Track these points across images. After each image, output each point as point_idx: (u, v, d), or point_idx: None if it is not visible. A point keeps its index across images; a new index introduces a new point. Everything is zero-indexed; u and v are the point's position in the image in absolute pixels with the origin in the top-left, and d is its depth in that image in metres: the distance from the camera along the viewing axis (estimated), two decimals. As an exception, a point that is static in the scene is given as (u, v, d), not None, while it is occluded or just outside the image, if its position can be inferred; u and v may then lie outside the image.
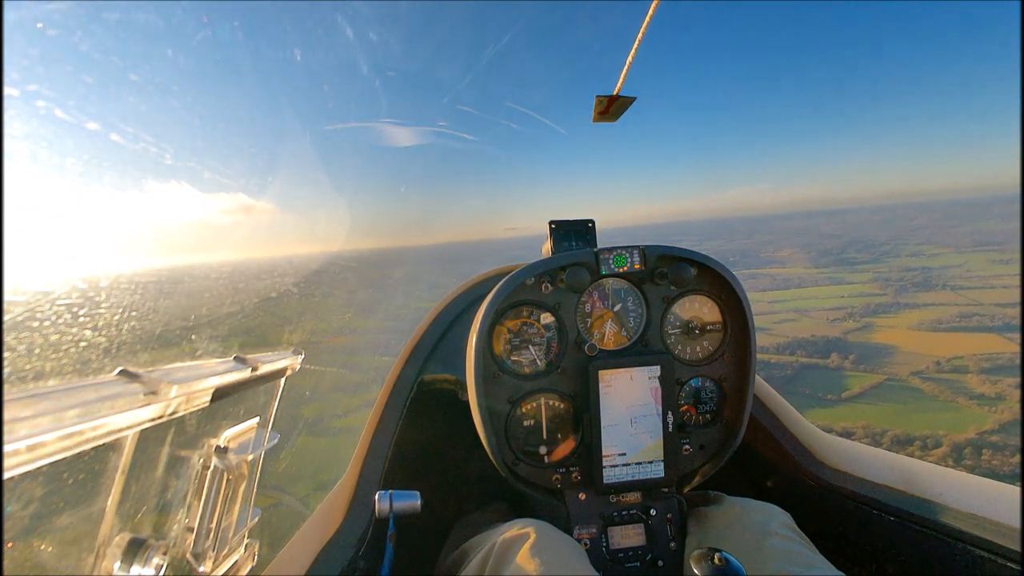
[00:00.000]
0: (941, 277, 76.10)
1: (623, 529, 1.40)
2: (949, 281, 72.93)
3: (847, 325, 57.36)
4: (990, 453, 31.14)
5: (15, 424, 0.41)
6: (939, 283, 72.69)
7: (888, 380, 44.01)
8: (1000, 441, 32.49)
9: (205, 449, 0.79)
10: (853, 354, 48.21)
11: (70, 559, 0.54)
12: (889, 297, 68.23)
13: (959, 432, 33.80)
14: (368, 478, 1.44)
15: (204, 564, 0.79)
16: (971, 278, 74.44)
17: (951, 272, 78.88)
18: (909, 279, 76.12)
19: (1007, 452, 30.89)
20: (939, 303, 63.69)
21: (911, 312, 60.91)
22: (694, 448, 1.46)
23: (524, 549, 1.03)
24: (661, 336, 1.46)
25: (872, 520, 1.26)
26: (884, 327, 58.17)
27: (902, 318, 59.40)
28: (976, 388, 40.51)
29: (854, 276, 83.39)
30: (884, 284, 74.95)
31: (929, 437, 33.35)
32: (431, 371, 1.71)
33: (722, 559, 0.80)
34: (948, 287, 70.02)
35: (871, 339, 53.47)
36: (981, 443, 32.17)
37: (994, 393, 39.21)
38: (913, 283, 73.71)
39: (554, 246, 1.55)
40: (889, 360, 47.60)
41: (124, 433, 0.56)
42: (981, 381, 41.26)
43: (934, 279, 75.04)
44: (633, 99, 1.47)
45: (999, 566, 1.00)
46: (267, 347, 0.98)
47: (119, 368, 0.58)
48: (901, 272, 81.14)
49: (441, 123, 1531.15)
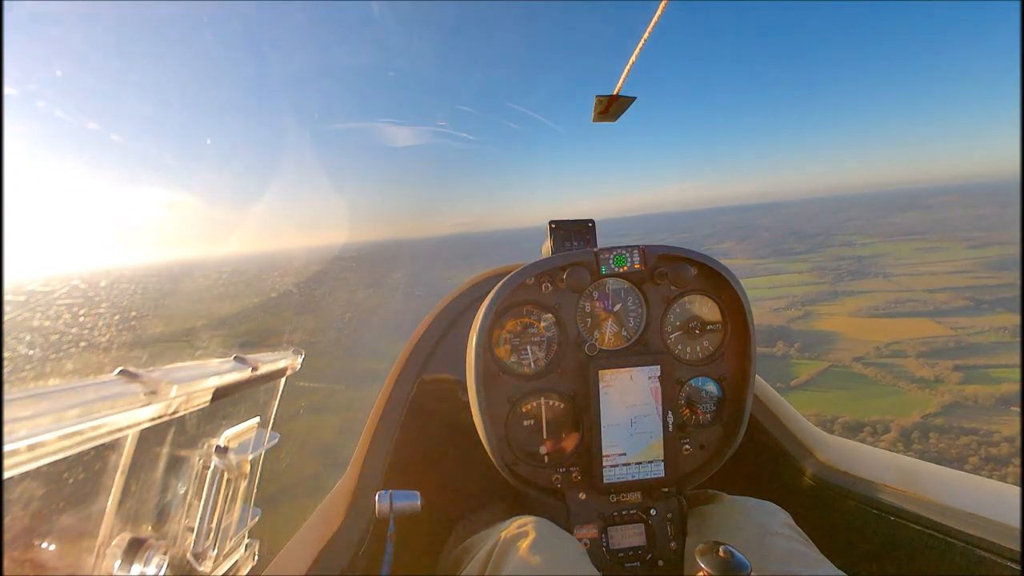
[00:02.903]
0: (873, 265, 78.51)
1: (623, 529, 1.40)
2: (881, 269, 75.40)
3: (791, 314, 58.94)
4: (937, 436, 31.97)
5: (15, 424, 0.41)
6: (872, 271, 74.94)
7: (833, 367, 45.12)
8: (945, 424, 33.42)
9: (205, 449, 0.79)
10: (798, 342, 49.41)
11: (70, 559, 0.54)
12: (827, 285, 69.97)
13: (905, 416, 34.73)
14: (368, 478, 1.44)
15: (204, 564, 0.79)
16: (900, 264, 77.28)
17: (882, 260, 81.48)
18: (845, 267, 78.22)
19: (952, 435, 31.75)
20: (874, 290, 65.61)
21: (849, 299, 62.52)
22: (694, 448, 1.46)
23: (525, 546, 1.03)
24: (661, 336, 1.46)
25: (872, 520, 1.26)
26: (825, 315, 59.91)
27: (841, 305, 60.99)
28: (916, 372, 41.83)
29: (793, 266, 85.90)
30: (822, 273, 76.74)
31: (878, 423, 34.14)
32: (431, 371, 1.71)
33: (727, 552, 0.80)
34: (881, 275, 72.29)
35: (814, 327, 54.93)
36: (927, 426, 33.13)
37: (933, 376, 40.46)
38: (848, 271, 75.67)
39: (554, 246, 1.56)
40: (832, 347, 48.85)
41: (124, 433, 0.56)
42: (920, 365, 42.63)
43: (867, 267, 77.33)
44: (633, 99, 1.47)
45: (999, 566, 1.00)
46: (267, 347, 0.98)
47: (119, 368, 0.58)
48: (836, 261, 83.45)
49: (441, 123, 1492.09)
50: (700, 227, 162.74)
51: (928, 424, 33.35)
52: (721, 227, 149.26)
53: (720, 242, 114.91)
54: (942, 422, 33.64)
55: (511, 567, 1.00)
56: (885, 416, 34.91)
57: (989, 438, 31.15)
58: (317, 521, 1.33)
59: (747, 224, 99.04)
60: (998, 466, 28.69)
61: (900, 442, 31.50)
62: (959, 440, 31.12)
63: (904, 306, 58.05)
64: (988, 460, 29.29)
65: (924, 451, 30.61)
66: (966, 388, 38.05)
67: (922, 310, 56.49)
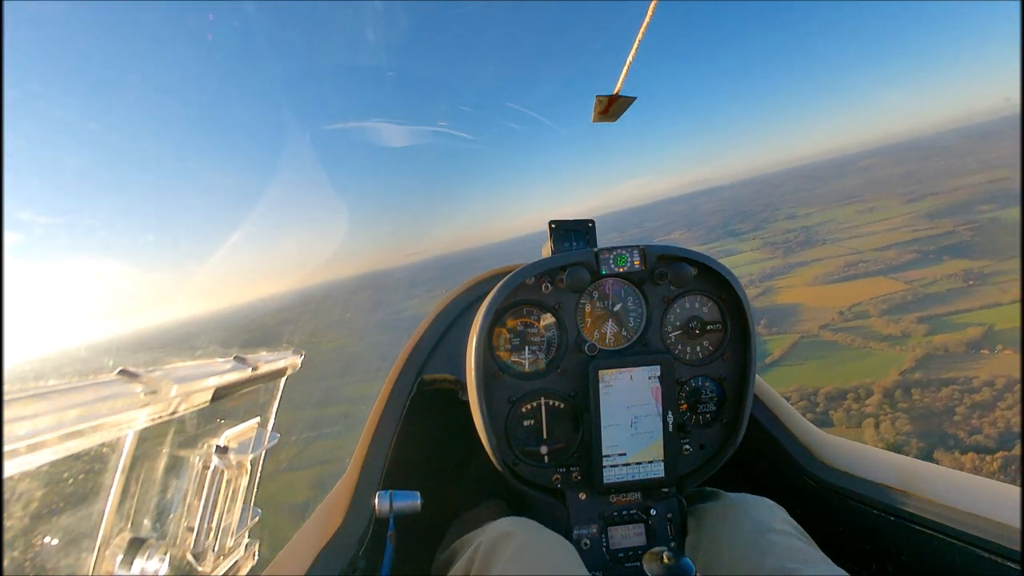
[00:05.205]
0: (819, 233, 79.72)
1: (623, 529, 1.40)
2: (828, 236, 76.54)
3: (751, 292, 60.73)
4: (919, 392, 32.27)
5: (15, 424, 0.41)
6: (819, 239, 75.98)
7: (802, 338, 45.47)
8: (923, 377, 33.93)
9: (205, 449, 0.79)
10: (764, 318, 49.86)
11: (70, 559, 0.54)
12: (780, 259, 70.78)
13: (884, 376, 35.03)
14: (368, 478, 1.44)
15: (204, 564, 0.79)
16: (845, 229, 78.25)
17: (826, 228, 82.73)
18: (793, 239, 79.42)
19: (933, 388, 32.18)
20: (825, 257, 66.37)
21: (803, 270, 63.32)
22: (694, 448, 1.46)
23: (508, 549, 1.03)
24: (661, 336, 1.46)
25: (872, 520, 1.26)
26: (784, 288, 60.60)
27: (797, 277, 61.65)
28: (883, 330, 42.29)
29: (744, 245, 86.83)
30: (772, 248, 77.59)
31: (860, 387, 34.37)
32: (431, 371, 1.71)
33: (671, 557, 0.79)
34: (828, 241, 73.40)
35: (776, 302, 55.50)
36: (907, 383, 33.48)
37: (900, 332, 41.04)
38: (797, 242, 76.84)
39: (554, 246, 1.56)
40: (797, 319, 49.34)
41: (124, 433, 0.56)
42: (885, 323, 43.11)
43: (814, 236, 78.48)
44: (633, 99, 1.47)
45: (999, 566, 1.00)
46: (267, 347, 0.98)
47: (119, 368, 0.58)
48: (784, 234, 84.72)
49: (441, 123, 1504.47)
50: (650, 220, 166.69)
51: (908, 381, 33.67)
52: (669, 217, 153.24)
53: (670, 232, 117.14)
54: (920, 376, 34.04)
55: (494, 570, 1.00)
56: (864, 379, 35.09)
57: (969, 384, 31.48)
58: (317, 521, 1.33)
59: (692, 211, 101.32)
60: (985, 412, 28.78)
61: (886, 403, 31.74)
62: (940, 392, 31.42)
63: (857, 268, 58.74)
64: (974, 408, 29.34)
65: (910, 407, 30.83)
66: (934, 339, 38.54)
67: (874, 269, 57.24)
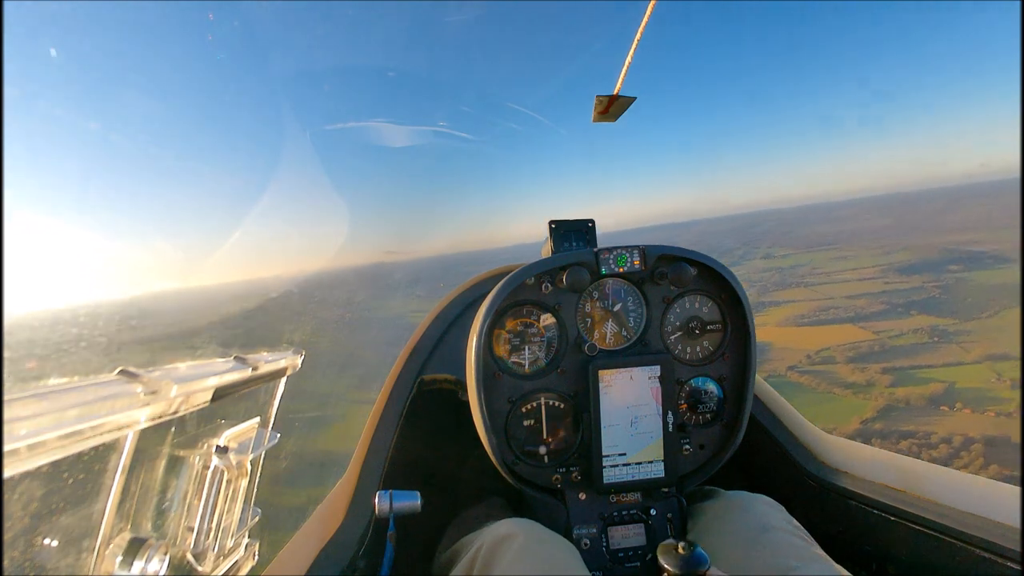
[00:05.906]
0: (794, 275, 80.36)
1: (623, 529, 1.40)
2: (802, 278, 77.17)
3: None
4: (879, 442, 32.48)
5: (15, 424, 0.41)
6: (793, 281, 76.60)
7: (770, 376, 46.35)
8: (884, 428, 34.12)
9: (205, 449, 0.79)
10: None
11: (70, 559, 0.54)
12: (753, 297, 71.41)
13: (845, 423, 35.24)
14: (368, 478, 1.44)
15: (204, 564, 0.79)
16: (818, 274, 79.15)
17: (801, 271, 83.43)
18: (768, 279, 79.89)
19: (892, 439, 32.45)
20: (798, 299, 67.13)
21: (775, 309, 63.82)
22: (694, 448, 1.46)
23: (511, 550, 1.03)
24: (661, 336, 1.46)
25: (872, 520, 1.26)
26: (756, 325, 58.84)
27: (769, 316, 61.99)
28: (848, 377, 42.61)
29: None
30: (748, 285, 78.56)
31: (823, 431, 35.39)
32: (431, 371, 1.71)
33: (686, 547, 0.78)
34: (802, 284, 74.06)
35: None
36: (868, 432, 33.60)
37: (864, 380, 41.33)
38: (772, 283, 77.43)
39: (554, 246, 1.56)
40: (766, 357, 49.60)
41: (124, 433, 0.56)
42: (851, 370, 43.42)
43: (788, 278, 79.13)
44: (633, 99, 1.47)
45: (999, 566, 1.00)
46: (267, 347, 0.98)
47: (119, 368, 0.58)
48: (760, 273, 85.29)
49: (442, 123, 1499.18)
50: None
51: (868, 430, 33.85)
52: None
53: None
54: (881, 427, 34.26)
55: (497, 570, 1.00)
56: (827, 424, 35.50)
57: (928, 439, 31.77)
58: (317, 521, 1.33)
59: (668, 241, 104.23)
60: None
61: (847, 454, 32.70)
62: (899, 444, 31.66)
63: (827, 313, 59.53)
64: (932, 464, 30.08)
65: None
66: (897, 391, 38.86)
67: (844, 316, 57.82)
